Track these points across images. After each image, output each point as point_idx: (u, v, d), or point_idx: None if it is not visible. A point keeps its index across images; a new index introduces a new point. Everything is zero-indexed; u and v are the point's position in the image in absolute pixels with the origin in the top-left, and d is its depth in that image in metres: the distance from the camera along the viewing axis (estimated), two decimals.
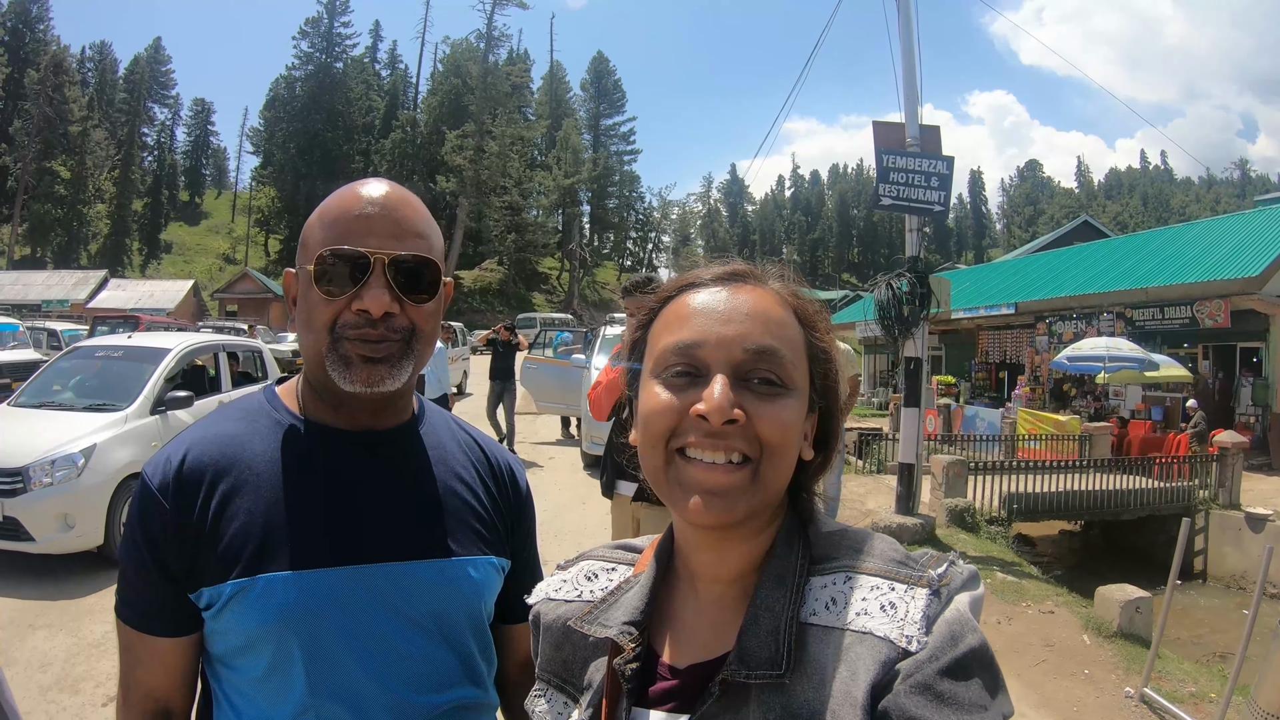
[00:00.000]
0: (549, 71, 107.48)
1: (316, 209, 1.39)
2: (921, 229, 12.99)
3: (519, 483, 1.64)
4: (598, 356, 14.17)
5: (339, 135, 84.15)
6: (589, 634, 1.04)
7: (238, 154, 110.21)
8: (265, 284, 62.41)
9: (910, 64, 12.75)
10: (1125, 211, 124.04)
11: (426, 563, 1.39)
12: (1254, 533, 14.56)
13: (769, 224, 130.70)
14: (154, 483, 1.32)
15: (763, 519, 0.99)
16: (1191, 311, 21.51)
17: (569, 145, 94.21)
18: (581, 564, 1.20)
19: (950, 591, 0.89)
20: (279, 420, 1.42)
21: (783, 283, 1.06)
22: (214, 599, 1.29)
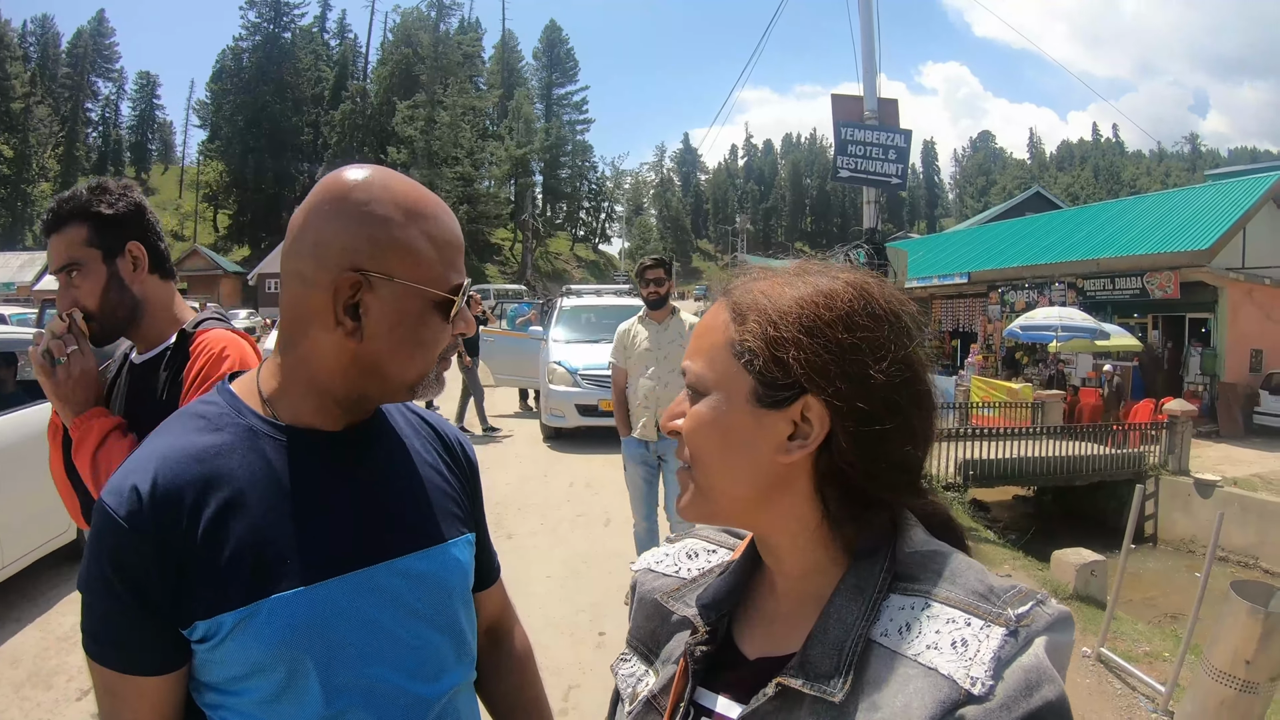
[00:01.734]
0: (501, 40, 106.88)
1: (402, 209, 1.24)
2: (878, 200, 13.04)
3: (470, 454, 1.63)
4: (556, 328, 14.12)
5: (287, 107, 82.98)
6: (673, 610, 1.08)
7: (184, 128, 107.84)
8: (215, 260, 61.45)
9: (869, 37, 12.76)
10: (1077, 183, 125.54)
11: (421, 553, 1.37)
12: (1202, 498, 14.88)
13: (722, 193, 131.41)
14: (121, 514, 1.14)
15: (776, 521, 0.97)
16: (1142, 283, 21.80)
17: (521, 115, 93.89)
18: (687, 541, 1.21)
19: (1030, 633, 0.82)
20: (251, 427, 1.27)
21: (741, 280, 1.01)
22: (212, 630, 1.18)
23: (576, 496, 9.88)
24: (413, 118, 75.64)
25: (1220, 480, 15.09)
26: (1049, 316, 19.38)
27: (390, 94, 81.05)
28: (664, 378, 5.93)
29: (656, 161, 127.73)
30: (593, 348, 13.38)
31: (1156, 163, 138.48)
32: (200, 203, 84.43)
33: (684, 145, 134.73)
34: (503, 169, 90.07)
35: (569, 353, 13.37)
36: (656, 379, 5.95)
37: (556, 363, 13.07)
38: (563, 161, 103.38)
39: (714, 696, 0.99)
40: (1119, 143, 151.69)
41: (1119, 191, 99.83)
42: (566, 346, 13.63)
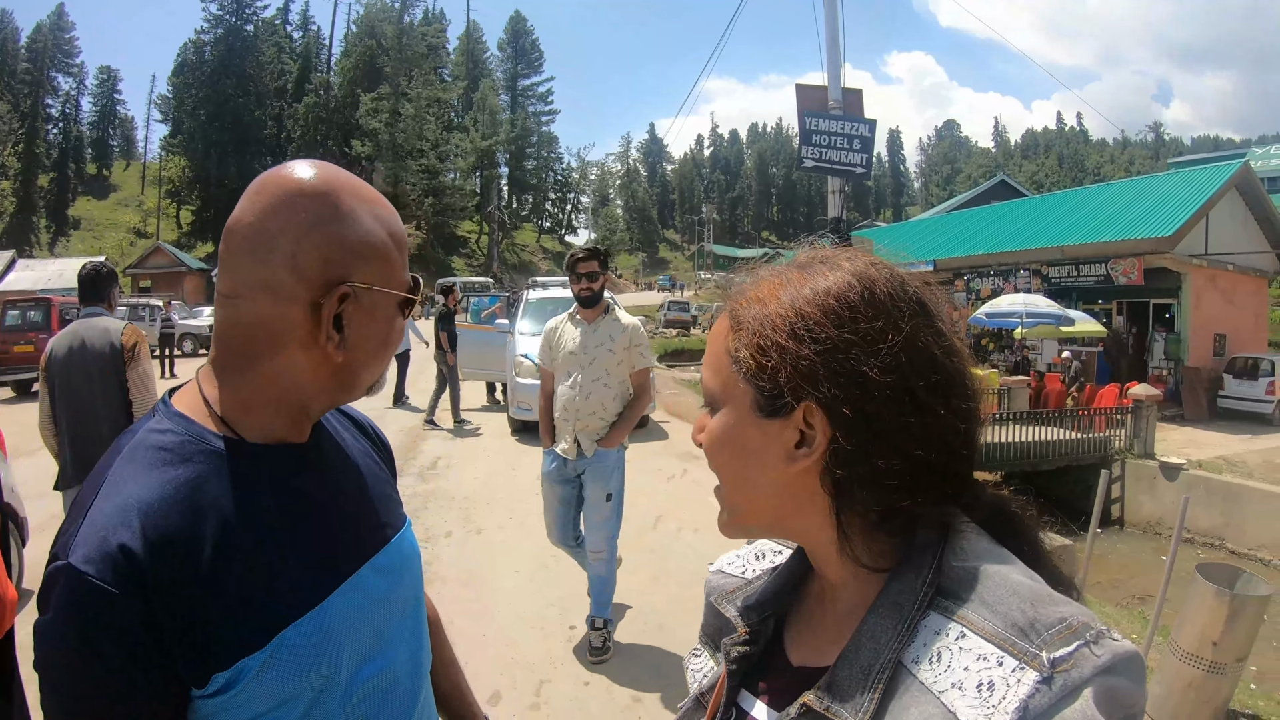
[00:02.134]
0: (466, 31, 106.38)
1: (373, 215, 1.21)
2: (843, 189, 13.06)
3: (384, 435, 1.59)
4: (522, 321, 14.04)
5: (250, 100, 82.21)
6: (722, 611, 1.07)
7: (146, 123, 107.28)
8: (178, 257, 60.66)
9: (833, 27, 12.78)
10: (1041, 171, 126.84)
11: (390, 545, 1.35)
12: (1168, 481, 15.03)
13: (688, 183, 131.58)
14: (109, 579, 0.99)
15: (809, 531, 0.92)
16: (1106, 269, 22.00)
17: (486, 106, 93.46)
18: (758, 542, 1.19)
19: (1071, 681, 0.70)
20: (216, 450, 1.15)
21: (739, 284, 0.97)
22: (234, 678, 1.07)
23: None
24: (377, 110, 75.14)
25: (1185, 463, 15.23)
26: (1014, 303, 19.48)
27: (354, 86, 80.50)
28: (586, 386, 5.21)
29: (622, 152, 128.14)
30: None
31: (1120, 151, 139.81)
32: (163, 199, 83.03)
33: (650, 135, 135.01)
34: (468, 161, 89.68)
35: (535, 345, 13.23)
36: (578, 388, 5.21)
37: (523, 355, 12.93)
38: (528, 153, 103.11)
39: (754, 700, 0.97)
40: (1083, 131, 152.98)
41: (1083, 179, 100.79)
42: (533, 339, 13.51)
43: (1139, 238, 21.06)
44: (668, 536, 8.03)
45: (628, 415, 5.34)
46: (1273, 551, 13.58)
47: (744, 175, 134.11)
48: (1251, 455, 16.66)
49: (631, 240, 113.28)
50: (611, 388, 5.25)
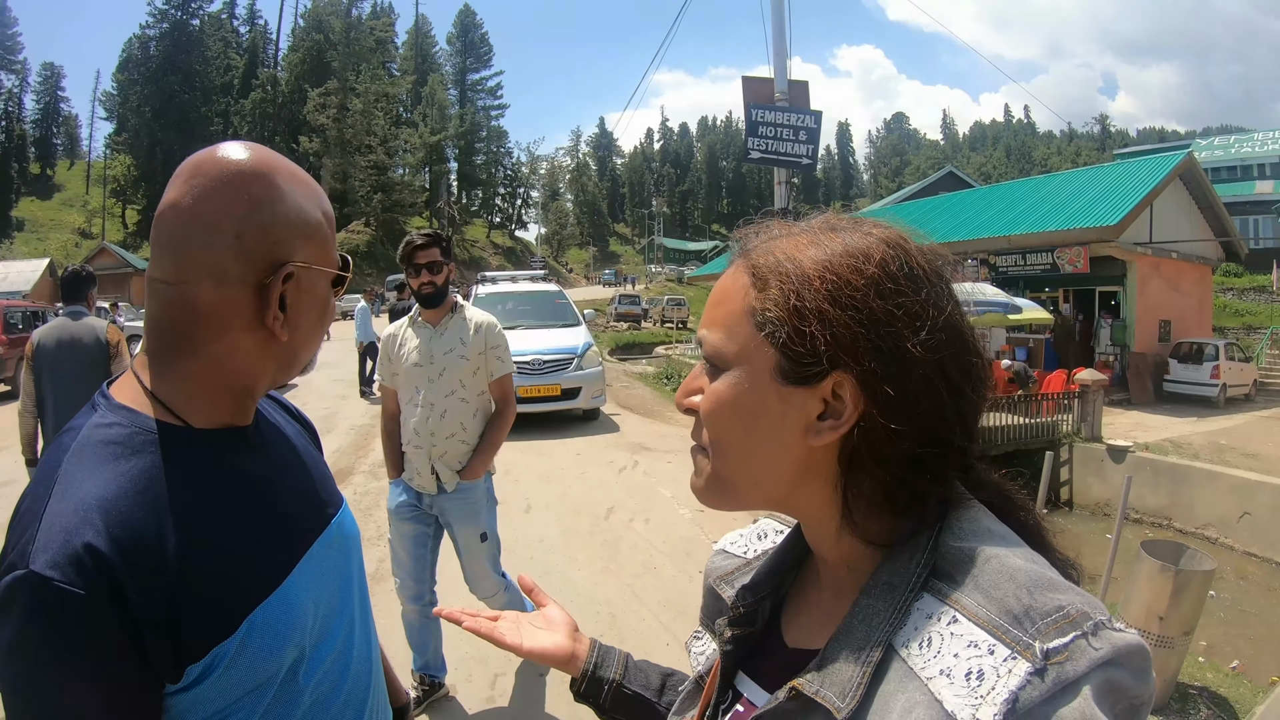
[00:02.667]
0: (414, 25, 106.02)
1: (306, 194, 1.20)
2: (790, 181, 13.14)
3: (307, 417, 1.60)
4: None
5: (196, 97, 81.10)
6: (720, 593, 1.05)
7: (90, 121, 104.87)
8: (125, 258, 59.53)
9: (780, 20, 12.84)
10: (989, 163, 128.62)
11: (333, 523, 1.35)
12: (1115, 463, 15.23)
13: (638, 176, 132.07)
14: (79, 584, 0.94)
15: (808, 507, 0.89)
16: (1053, 258, 22.27)
17: (435, 101, 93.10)
18: (761, 522, 1.17)
19: (1065, 675, 0.67)
20: (166, 439, 1.12)
21: (760, 239, 0.91)
22: (210, 666, 1.06)
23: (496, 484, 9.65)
24: (325, 105, 74.34)
25: (1132, 445, 15.47)
26: (961, 292, 19.64)
27: (301, 81, 79.56)
28: (439, 403, 4.23)
29: (572, 146, 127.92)
30: (509, 334, 13.27)
31: (1067, 143, 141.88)
32: (108, 198, 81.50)
33: (600, 129, 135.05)
34: (417, 156, 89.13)
35: None
36: (429, 406, 4.22)
37: None
38: (478, 148, 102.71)
39: (750, 682, 0.95)
40: (1030, 123, 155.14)
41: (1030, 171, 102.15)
42: None
43: (1085, 227, 21.34)
44: (619, 528, 8.03)
45: (491, 437, 4.42)
46: (1219, 530, 13.81)
47: (694, 168, 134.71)
48: (1197, 437, 16.96)
49: (582, 234, 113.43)
50: (469, 403, 4.30)
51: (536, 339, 13.42)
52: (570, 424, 13.47)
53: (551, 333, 13.80)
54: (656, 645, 5.36)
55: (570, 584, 6.26)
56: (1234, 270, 36.34)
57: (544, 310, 14.78)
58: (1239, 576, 12.58)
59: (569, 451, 11.50)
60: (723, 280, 0.91)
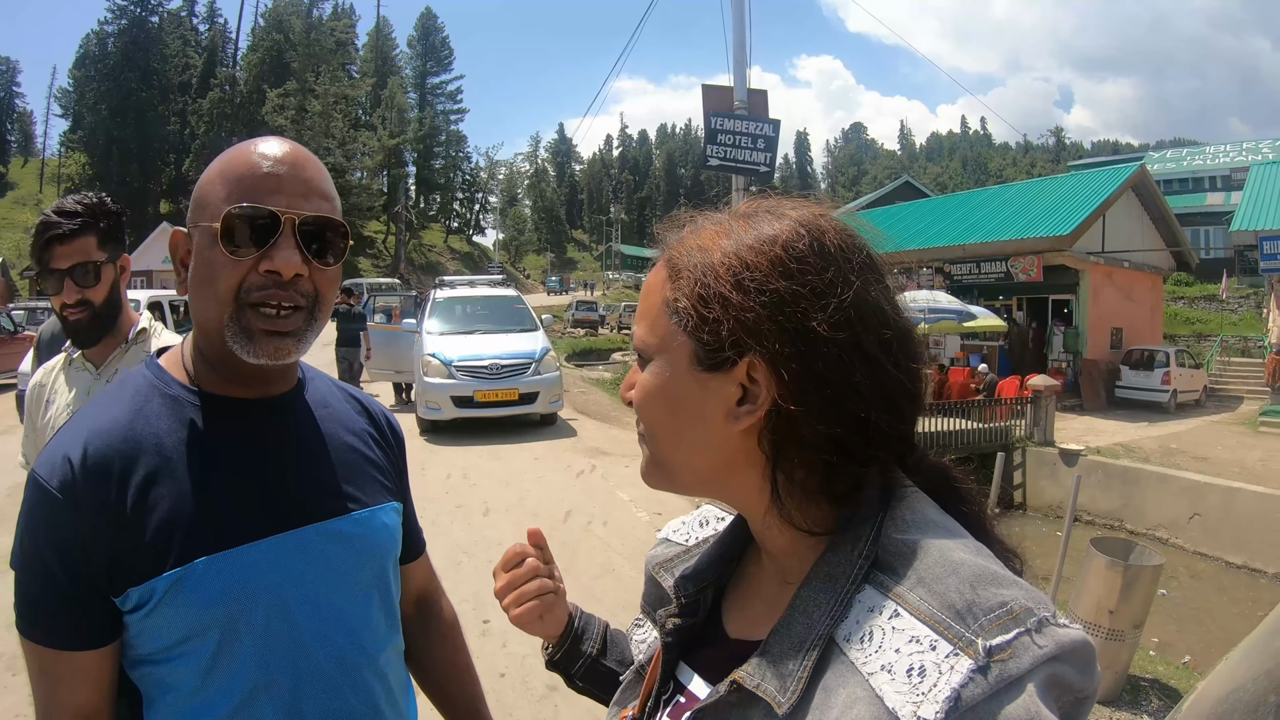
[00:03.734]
0: (375, 27, 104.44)
1: (215, 164, 1.29)
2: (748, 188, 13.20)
3: (397, 429, 1.63)
4: (429, 320, 13.97)
5: (154, 95, 79.60)
6: (659, 580, 1.04)
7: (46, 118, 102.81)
8: None
9: (741, 29, 12.93)
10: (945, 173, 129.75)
11: (348, 517, 1.38)
12: (1067, 466, 15.44)
13: (597, 183, 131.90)
14: (53, 484, 1.16)
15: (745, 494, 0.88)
16: (1007, 266, 22.57)
17: (395, 104, 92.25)
18: (703, 508, 1.16)
19: (1009, 672, 0.66)
20: (174, 396, 1.29)
21: (677, 231, 0.93)
22: (145, 597, 1.18)
23: (455, 488, 9.70)
24: (283, 106, 73.51)
25: (1084, 449, 15.74)
26: (917, 299, 19.82)
27: (260, 82, 78.49)
28: None
29: (531, 152, 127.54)
30: (467, 339, 13.48)
31: (1022, 154, 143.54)
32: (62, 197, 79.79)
33: (559, 135, 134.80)
34: (375, 159, 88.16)
35: (443, 344, 13.21)
36: None
37: (431, 354, 12.88)
38: (436, 152, 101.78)
39: (691, 673, 0.94)
40: (987, 135, 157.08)
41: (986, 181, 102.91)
42: (440, 338, 13.47)
43: (1038, 236, 21.72)
44: (577, 530, 8.05)
45: None
46: (1170, 531, 14.11)
47: (653, 175, 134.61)
48: (1148, 441, 17.29)
49: (540, 240, 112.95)
50: None
51: (494, 343, 13.39)
52: (528, 429, 13.45)
53: (509, 338, 13.74)
54: None
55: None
56: (1185, 279, 36.96)
57: (502, 315, 14.72)
58: (1190, 576, 12.84)
59: (527, 456, 11.49)
60: (649, 277, 0.92)
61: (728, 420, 0.82)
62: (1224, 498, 13.57)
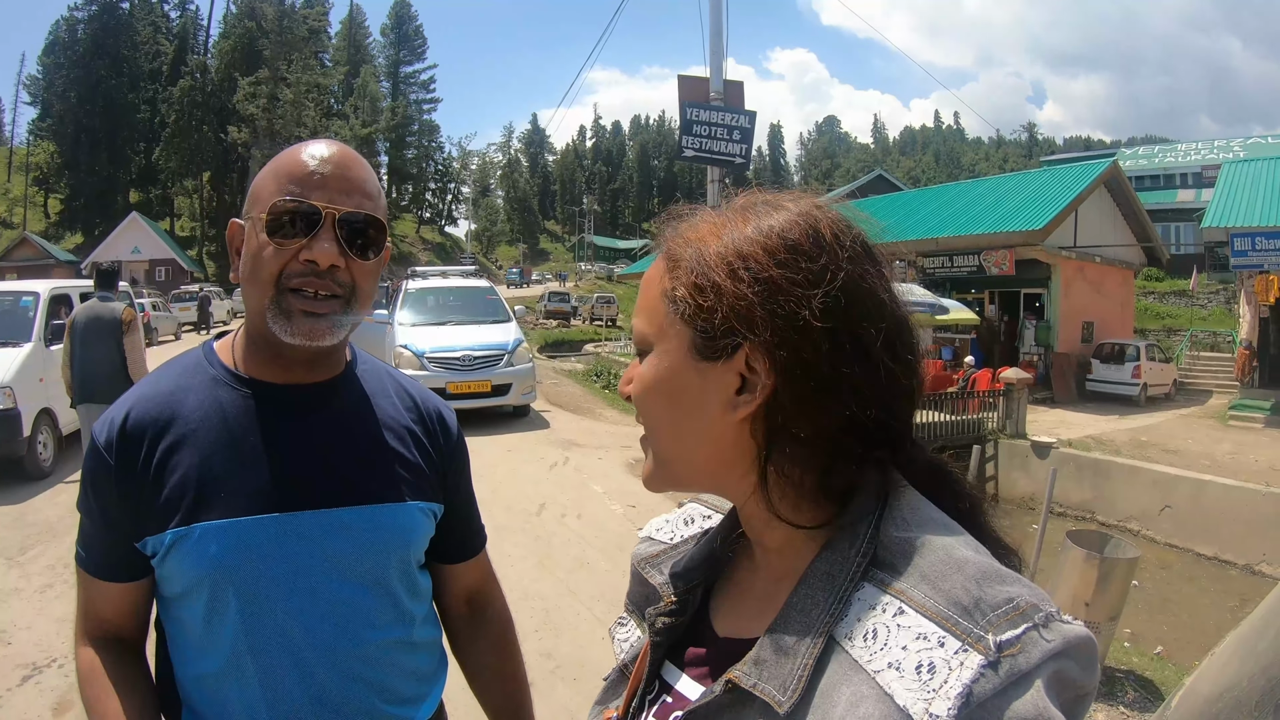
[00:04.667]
0: (348, 15, 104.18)
1: (269, 164, 1.41)
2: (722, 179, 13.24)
3: (450, 429, 1.67)
4: (401, 312, 13.92)
5: (124, 83, 78.79)
6: (647, 577, 1.03)
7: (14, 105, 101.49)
8: (45, 249, 57.88)
9: (717, 20, 12.93)
10: (919, 167, 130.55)
11: (355, 509, 1.44)
12: (1039, 459, 15.63)
13: (570, 174, 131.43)
14: (100, 441, 1.38)
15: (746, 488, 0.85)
16: (979, 260, 22.75)
17: (367, 93, 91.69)
18: (687, 506, 1.14)
19: (1019, 667, 0.65)
20: (215, 376, 1.45)
21: (674, 223, 0.91)
22: (157, 547, 1.35)
23: None
24: (255, 95, 72.66)
25: (1056, 442, 15.88)
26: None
27: (232, 70, 77.46)
28: None
29: (504, 142, 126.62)
30: (439, 330, 13.52)
31: (995, 149, 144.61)
32: (30, 186, 78.58)
33: (532, 126, 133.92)
34: None
35: (415, 335, 13.25)
36: None
37: (403, 346, 12.91)
38: (409, 142, 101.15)
39: (678, 673, 0.92)
40: (960, 130, 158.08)
41: (959, 176, 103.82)
42: (412, 330, 13.47)
43: (1011, 230, 21.90)
44: (551, 523, 8.07)
45: None
46: (1141, 522, 14.26)
47: (626, 167, 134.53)
48: (1119, 434, 17.47)
49: (512, 231, 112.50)
50: None
51: (467, 335, 13.39)
52: (501, 421, 13.44)
53: (482, 329, 13.74)
54: (592, 640, 5.36)
55: (504, 580, 6.15)
56: (1156, 275, 37.30)
57: (474, 306, 14.71)
58: (1161, 567, 12.97)
59: (500, 448, 11.47)
60: (648, 270, 0.91)
61: (725, 410, 0.81)
62: (1194, 490, 13.71)
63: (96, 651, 1.41)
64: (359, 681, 1.44)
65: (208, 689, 1.39)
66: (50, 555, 6.87)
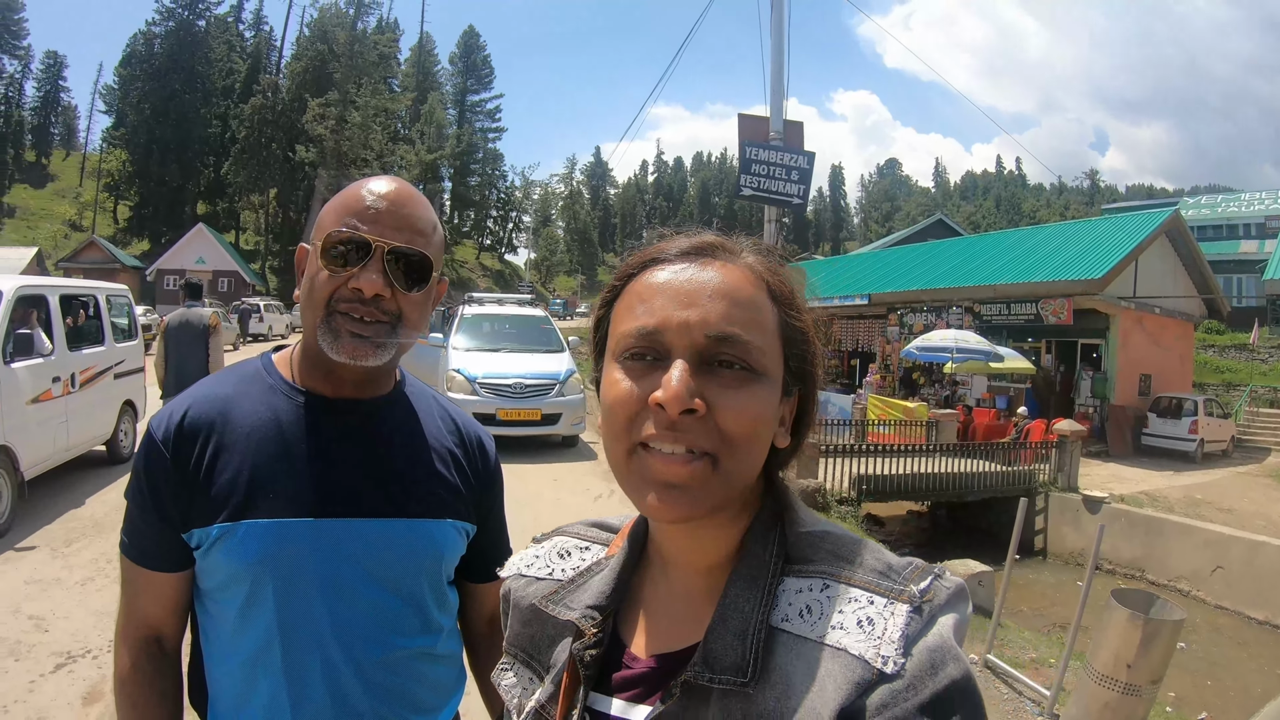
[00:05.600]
0: (418, 43, 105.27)
1: (336, 195, 1.52)
2: (780, 220, 13.21)
3: (488, 455, 1.76)
4: (456, 336, 13.99)
5: (197, 98, 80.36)
6: (554, 615, 1.01)
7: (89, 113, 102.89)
8: (113, 253, 59.13)
9: (779, 61, 12.92)
10: (979, 212, 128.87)
11: (391, 521, 1.53)
12: (1090, 514, 15.33)
13: (630, 208, 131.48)
14: (158, 435, 1.47)
15: (734, 508, 0.91)
16: (1037, 308, 22.45)
17: (434, 120, 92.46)
18: (556, 539, 1.16)
19: (933, 610, 0.80)
20: (271, 385, 1.55)
21: (757, 256, 0.95)
22: (203, 539, 1.44)
23: None
24: (324, 116, 73.76)
25: (1108, 497, 15.59)
26: (946, 339, 19.77)
27: (302, 90, 78.73)
28: None
29: (566, 173, 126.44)
30: (492, 356, 13.51)
31: (1056, 195, 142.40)
32: (101, 192, 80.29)
33: (595, 158, 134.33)
34: (412, 173, 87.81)
35: (468, 360, 13.25)
36: None
37: (456, 370, 12.93)
38: (473, 169, 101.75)
39: (608, 700, 0.93)
40: (1021, 175, 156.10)
41: (1019, 222, 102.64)
42: (466, 354, 13.48)
43: (1070, 279, 21.60)
44: None
45: None
46: (1192, 583, 13.94)
47: (686, 202, 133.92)
48: (1173, 491, 17.12)
49: (571, 261, 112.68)
50: None
51: (520, 363, 13.41)
52: (549, 450, 13.41)
53: (535, 357, 13.76)
54: None
55: None
56: (1216, 327, 36.63)
57: (529, 335, 14.74)
58: (1211, 629, 12.66)
59: (546, 477, 11.46)
60: (724, 277, 0.89)
61: (777, 439, 0.91)
62: (1248, 551, 13.41)
63: (133, 658, 1.51)
64: (381, 686, 1.52)
65: (236, 680, 1.48)
66: (94, 549, 7.16)
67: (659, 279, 0.91)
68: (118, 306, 11.09)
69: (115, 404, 10.61)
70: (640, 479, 0.86)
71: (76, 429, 9.26)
